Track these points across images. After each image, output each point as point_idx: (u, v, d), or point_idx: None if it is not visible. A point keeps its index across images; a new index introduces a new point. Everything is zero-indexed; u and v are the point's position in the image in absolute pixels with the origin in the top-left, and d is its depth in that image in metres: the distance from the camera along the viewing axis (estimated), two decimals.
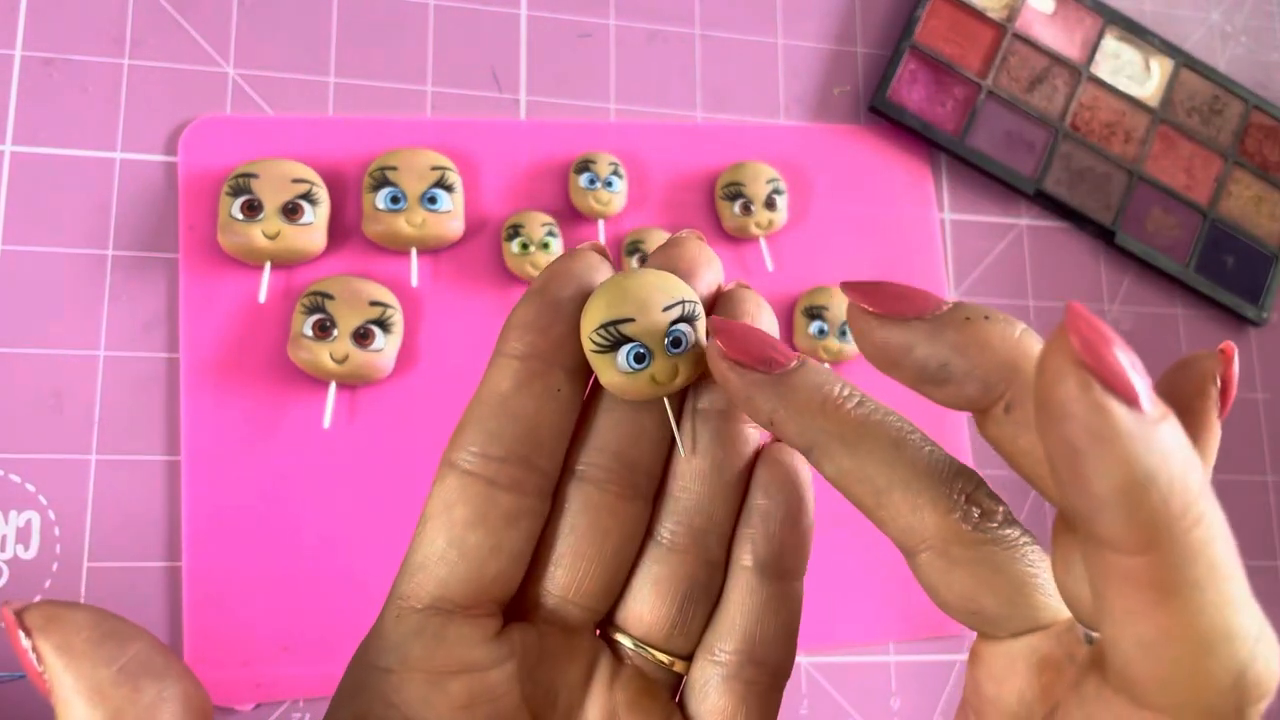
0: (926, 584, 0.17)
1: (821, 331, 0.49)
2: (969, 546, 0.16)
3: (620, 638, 0.21)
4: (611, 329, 0.19)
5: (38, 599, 0.40)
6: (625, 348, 0.19)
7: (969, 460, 0.52)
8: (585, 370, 0.20)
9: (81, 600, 0.41)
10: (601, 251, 0.21)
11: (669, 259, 0.21)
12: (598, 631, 0.21)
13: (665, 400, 0.20)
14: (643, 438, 0.20)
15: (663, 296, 0.19)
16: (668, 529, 0.21)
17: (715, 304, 0.21)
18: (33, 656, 0.16)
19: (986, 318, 0.16)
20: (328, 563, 0.43)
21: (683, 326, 0.20)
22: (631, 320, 0.19)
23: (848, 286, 0.17)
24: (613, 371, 0.19)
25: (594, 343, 0.19)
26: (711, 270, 0.21)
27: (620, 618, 0.21)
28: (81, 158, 0.45)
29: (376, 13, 0.49)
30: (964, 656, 0.50)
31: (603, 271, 0.20)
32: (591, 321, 0.19)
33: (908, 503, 0.17)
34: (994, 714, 0.17)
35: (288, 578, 0.42)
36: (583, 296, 0.20)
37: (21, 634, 0.16)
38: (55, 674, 0.16)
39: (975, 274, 0.55)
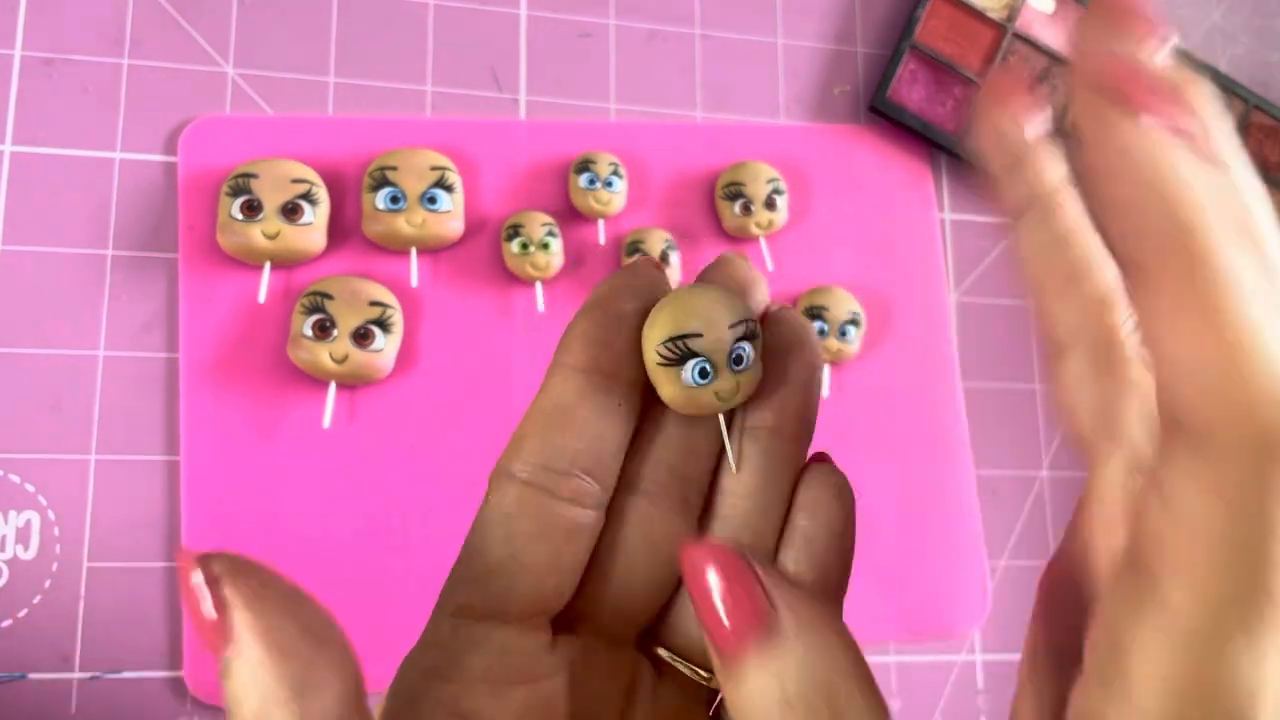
0: (1055, 393, 0.18)
1: (822, 331, 0.49)
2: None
3: (661, 651, 0.21)
4: (679, 343, 0.19)
5: (38, 602, 0.40)
6: (692, 362, 0.19)
7: (968, 454, 0.52)
8: (643, 384, 0.20)
9: (80, 601, 0.41)
10: (658, 266, 0.21)
11: (720, 278, 0.21)
12: (636, 644, 0.21)
13: (720, 416, 0.20)
14: (694, 453, 0.20)
15: (728, 314, 0.19)
16: None
17: (763, 324, 0.21)
18: (208, 605, 0.16)
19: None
20: (327, 563, 0.43)
21: (746, 344, 0.20)
22: (699, 335, 0.19)
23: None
24: (676, 385, 0.19)
25: (661, 356, 0.19)
26: (760, 290, 0.21)
27: (662, 631, 0.21)
28: (81, 158, 0.45)
29: (376, 13, 0.49)
30: (964, 657, 0.50)
31: (661, 286, 0.20)
32: (658, 334, 0.19)
33: (1068, 308, 0.17)
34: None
35: (287, 578, 0.42)
36: (644, 311, 0.20)
37: (199, 576, 0.16)
38: (243, 626, 0.16)
39: (975, 274, 0.55)
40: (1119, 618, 0.14)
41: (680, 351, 0.19)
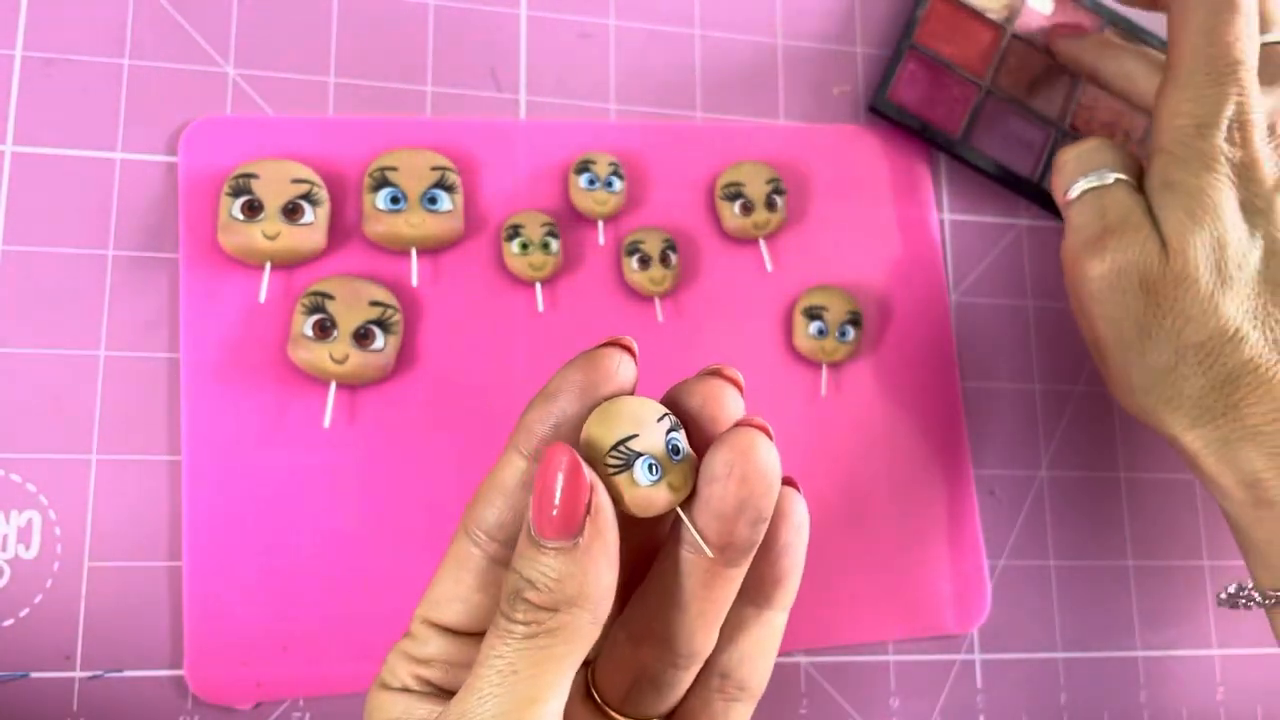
0: None
1: (821, 332, 0.49)
2: None
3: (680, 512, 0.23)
4: (623, 447, 0.21)
5: (37, 596, 0.40)
6: (639, 461, 0.21)
7: (968, 454, 0.52)
8: None
9: (82, 600, 0.41)
10: (626, 349, 0.22)
11: (693, 396, 0.23)
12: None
13: (678, 508, 0.22)
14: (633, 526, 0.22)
15: (651, 412, 0.21)
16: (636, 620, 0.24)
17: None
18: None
19: None
20: (328, 563, 0.43)
21: (676, 435, 0.21)
22: (636, 436, 0.21)
23: None
24: (633, 487, 0.21)
25: (610, 465, 0.21)
26: (734, 405, 0.23)
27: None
28: (81, 158, 0.45)
29: (376, 13, 0.49)
30: (964, 656, 0.50)
31: (613, 381, 0.22)
32: (600, 446, 0.21)
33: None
34: None
35: (288, 578, 0.42)
36: (591, 409, 0.22)
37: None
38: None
39: (975, 274, 0.55)
40: None
41: (627, 454, 0.21)
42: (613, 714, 0.24)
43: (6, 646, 0.40)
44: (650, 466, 0.21)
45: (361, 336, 0.43)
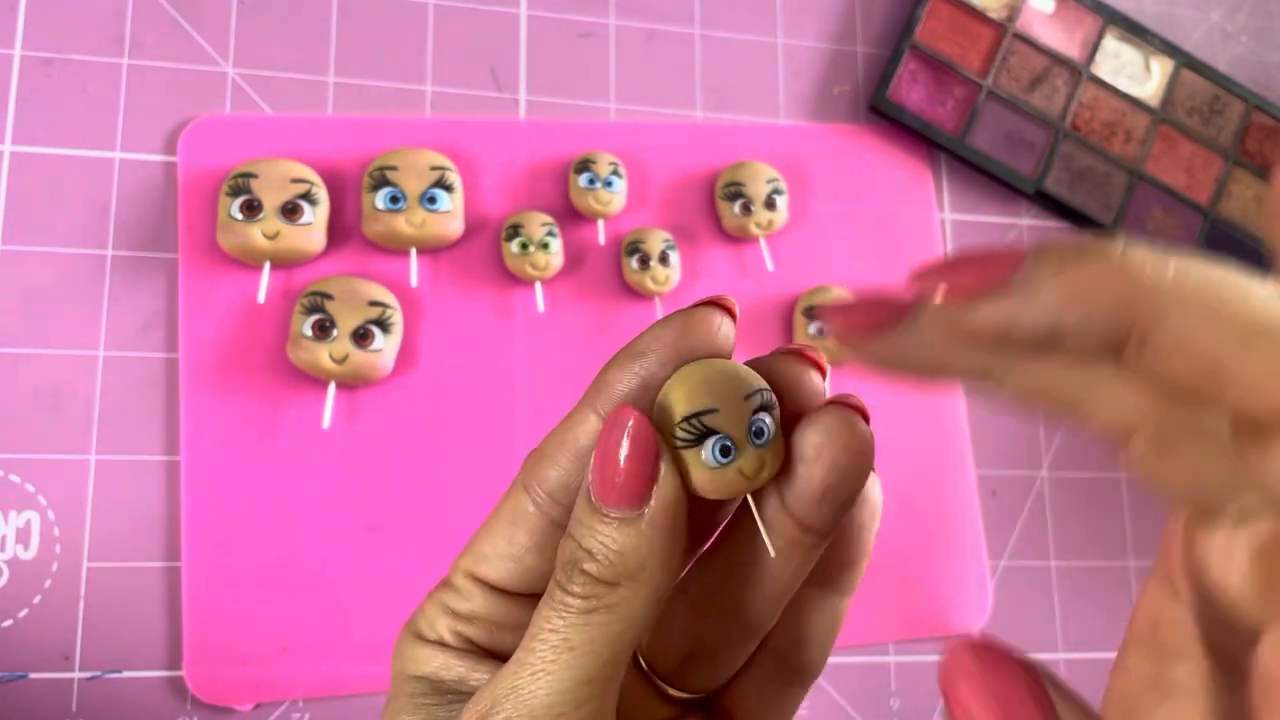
0: (1141, 473, 0.15)
1: (822, 332, 0.49)
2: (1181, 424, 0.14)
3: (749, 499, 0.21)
4: (696, 421, 0.18)
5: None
6: (711, 440, 0.18)
7: (968, 454, 0.52)
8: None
9: (81, 601, 0.41)
10: (727, 310, 0.20)
11: (772, 370, 0.21)
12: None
13: (748, 496, 0.19)
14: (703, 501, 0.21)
15: (741, 385, 0.19)
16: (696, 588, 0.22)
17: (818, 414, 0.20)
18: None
19: (1079, 254, 0.14)
20: (327, 563, 0.43)
21: (764, 416, 0.19)
22: (715, 411, 0.18)
23: (921, 275, 0.15)
24: (698, 467, 0.19)
25: (679, 437, 0.18)
26: (813, 382, 0.21)
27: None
28: (81, 157, 0.45)
29: (376, 13, 0.49)
30: None
31: (709, 346, 0.20)
32: (673, 415, 0.19)
33: (1108, 394, 0.15)
34: (1217, 597, 0.15)
35: (287, 578, 0.42)
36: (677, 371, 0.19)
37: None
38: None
39: None
40: None
41: (698, 430, 0.18)
42: (662, 685, 0.23)
43: (6, 647, 0.40)
44: (723, 448, 0.18)
45: (361, 336, 0.43)
